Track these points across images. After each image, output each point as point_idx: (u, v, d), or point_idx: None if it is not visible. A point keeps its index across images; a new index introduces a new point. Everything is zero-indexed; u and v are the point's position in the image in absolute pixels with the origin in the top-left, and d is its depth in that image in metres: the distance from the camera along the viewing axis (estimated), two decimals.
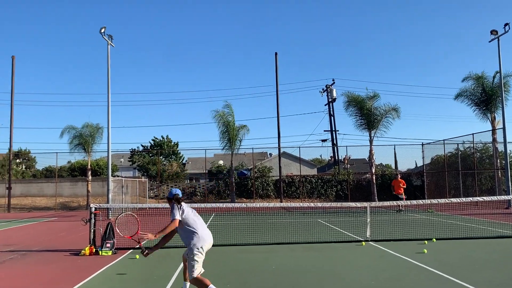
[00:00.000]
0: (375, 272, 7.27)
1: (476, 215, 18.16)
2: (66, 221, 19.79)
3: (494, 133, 26.19)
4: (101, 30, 20.78)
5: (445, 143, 30.20)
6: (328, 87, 42.97)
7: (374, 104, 28.32)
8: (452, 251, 9.33)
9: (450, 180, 29.64)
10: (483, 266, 7.65)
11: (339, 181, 33.42)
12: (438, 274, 7.05)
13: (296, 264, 8.17)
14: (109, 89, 21.78)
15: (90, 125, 29.43)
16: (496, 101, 25.86)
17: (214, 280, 6.86)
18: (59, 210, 29.45)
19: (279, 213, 22.26)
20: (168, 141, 52.72)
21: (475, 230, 12.91)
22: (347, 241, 11.16)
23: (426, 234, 11.98)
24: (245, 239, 11.50)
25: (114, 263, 8.63)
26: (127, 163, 50.92)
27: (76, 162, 42.72)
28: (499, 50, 22.80)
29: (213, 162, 39.43)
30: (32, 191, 35.93)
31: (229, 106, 29.92)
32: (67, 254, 9.83)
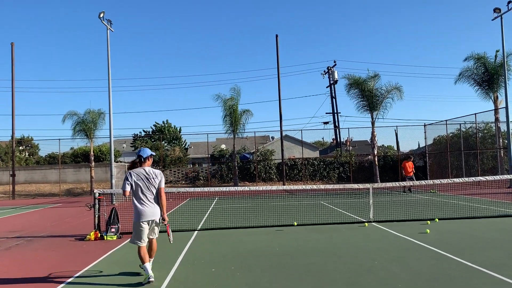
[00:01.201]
0: (378, 253, 7.33)
1: (478, 195, 18.21)
2: (71, 207, 19.94)
3: (497, 112, 26.07)
4: (100, 15, 20.64)
5: (447, 124, 30.10)
6: (330, 69, 42.70)
7: (376, 85, 28.17)
8: (455, 231, 9.39)
9: (452, 161, 29.64)
10: (486, 245, 7.69)
11: (341, 163, 33.47)
12: (441, 253, 7.10)
13: (299, 245, 8.24)
14: (109, 74, 21.74)
15: (92, 112, 29.44)
16: (499, 80, 25.68)
17: (218, 262, 6.94)
18: (64, 196, 29.66)
19: (282, 196, 22.37)
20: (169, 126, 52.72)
21: (477, 210, 12.96)
22: (350, 222, 11.23)
23: (429, 214, 12.04)
24: (248, 222, 11.58)
25: (119, 247, 8.72)
26: (129, 148, 51.04)
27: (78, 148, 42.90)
28: (502, 29, 22.55)
29: (216, 146, 39.48)
30: (36, 177, 36.16)
31: (237, 90, 29.78)
32: (72, 239, 9.93)
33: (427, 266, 6.29)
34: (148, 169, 6.05)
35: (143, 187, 5.92)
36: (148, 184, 5.95)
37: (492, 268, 5.96)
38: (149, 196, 5.94)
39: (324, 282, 5.65)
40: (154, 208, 5.97)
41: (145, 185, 5.93)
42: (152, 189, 5.96)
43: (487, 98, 26.83)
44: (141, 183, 5.93)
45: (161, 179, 6.10)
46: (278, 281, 5.77)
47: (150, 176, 6.00)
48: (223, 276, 6.15)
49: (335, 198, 18.94)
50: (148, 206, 5.92)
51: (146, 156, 6.13)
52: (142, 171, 6.01)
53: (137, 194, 5.93)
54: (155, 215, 5.99)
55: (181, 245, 8.62)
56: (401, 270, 6.13)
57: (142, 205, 5.90)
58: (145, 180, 5.95)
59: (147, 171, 6.03)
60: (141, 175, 5.97)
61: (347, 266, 6.49)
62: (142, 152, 6.14)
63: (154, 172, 6.07)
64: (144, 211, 5.89)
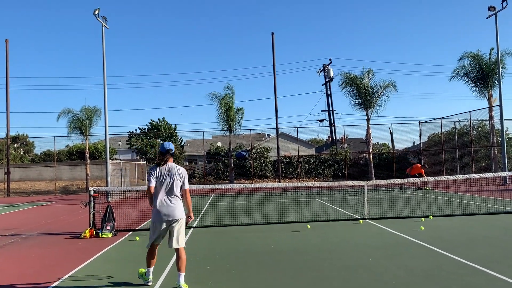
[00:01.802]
0: (373, 250, 7.37)
1: (472, 192, 18.33)
2: (66, 204, 19.89)
3: (491, 110, 26.22)
4: (95, 11, 20.55)
5: (442, 121, 30.24)
6: (325, 66, 42.74)
7: (370, 82, 28.25)
8: (449, 227, 9.45)
9: (447, 158, 29.79)
10: (480, 242, 7.75)
11: (337, 160, 33.55)
12: (435, 250, 7.15)
13: (295, 243, 8.27)
14: (104, 71, 21.65)
15: (88, 109, 29.32)
16: (493, 78, 25.81)
17: (213, 260, 6.96)
18: (59, 193, 29.57)
19: (277, 193, 22.41)
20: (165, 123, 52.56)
21: (471, 207, 13.04)
22: (345, 219, 11.27)
23: (423, 211, 12.11)
24: (244, 219, 11.60)
25: (114, 245, 8.71)
26: (125, 146, 50.83)
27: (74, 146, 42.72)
28: (496, 27, 22.67)
29: (212, 144, 39.43)
30: (31, 175, 36.00)
31: (230, 87, 29.80)
32: (67, 237, 9.92)
33: (421, 263, 6.33)
34: (171, 166, 5.60)
35: (164, 184, 5.49)
36: (169, 182, 5.49)
37: (486, 265, 6.01)
38: (169, 194, 5.49)
39: (319, 279, 5.68)
40: (174, 207, 5.48)
41: (166, 182, 5.49)
42: (173, 187, 5.49)
43: (482, 96, 26.99)
44: (162, 180, 5.50)
45: (185, 178, 5.66)
46: (273, 278, 5.80)
47: (173, 173, 5.55)
48: (218, 273, 6.16)
49: (330, 195, 19.00)
50: (167, 205, 5.46)
51: (166, 149, 5.64)
52: (165, 167, 5.57)
53: (157, 191, 5.50)
54: (175, 215, 5.46)
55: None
56: (396, 266, 6.17)
57: (161, 203, 5.46)
58: (167, 177, 5.51)
59: (170, 167, 5.59)
60: (164, 171, 5.54)
61: (342, 263, 6.53)
62: (169, 145, 5.71)
63: (178, 170, 5.61)
64: (162, 209, 5.44)
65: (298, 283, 5.56)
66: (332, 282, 5.53)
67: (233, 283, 5.66)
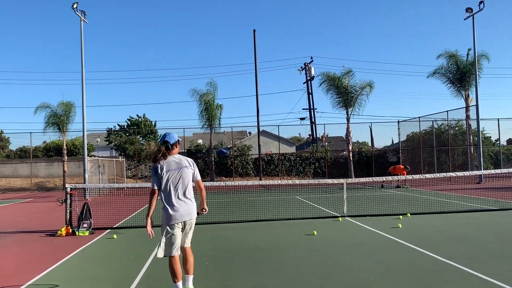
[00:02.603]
0: (351, 247, 7.43)
1: (449, 190, 18.67)
2: (42, 202, 19.48)
3: (468, 110, 26.77)
4: (73, 5, 20.18)
5: (420, 120, 30.74)
6: (307, 65, 42.92)
7: (350, 81, 28.51)
8: (426, 225, 9.60)
9: (425, 157, 30.30)
10: (455, 239, 7.89)
11: (317, 158, 33.76)
12: (412, 248, 7.25)
13: (274, 240, 8.27)
14: (83, 66, 21.31)
15: (65, 104, 28.72)
16: (470, 78, 26.34)
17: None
18: (35, 191, 28.96)
19: (258, 191, 22.42)
20: (145, 120, 52.04)
21: (448, 205, 13.29)
22: (324, 217, 11.34)
23: (401, 209, 12.27)
24: (224, 217, 11.56)
25: (91, 243, 8.57)
26: (103, 142, 50.14)
27: (51, 142, 41.86)
28: (473, 28, 23.14)
29: (192, 141, 39.21)
30: (6, 172, 35.14)
31: (213, 84, 29.63)
32: (43, 235, 9.71)
33: (399, 260, 6.41)
34: (178, 157, 4.89)
35: (175, 180, 4.74)
36: (180, 176, 4.77)
37: (461, 262, 6.11)
38: (183, 190, 4.78)
39: (298, 276, 5.69)
40: (190, 205, 4.82)
41: (177, 177, 4.75)
42: (185, 182, 4.79)
43: (459, 96, 27.53)
44: (172, 175, 4.74)
45: (196, 168, 4.98)
46: (252, 276, 5.78)
47: (182, 165, 4.83)
48: (197, 271, 6.09)
49: (310, 193, 19.10)
50: (183, 203, 4.76)
51: (174, 141, 4.90)
52: (172, 160, 4.81)
53: (167, 189, 4.72)
54: (192, 214, 4.84)
55: (154, 240, 8.52)
56: (374, 263, 6.23)
57: (176, 202, 4.73)
58: (177, 171, 4.77)
59: (178, 159, 4.86)
60: (172, 166, 4.78)
61: (321, 260, 6.55)
62: (168, 137, 4.90)
63: (187, 161, 4.92)
64: (178, 209, 4.71)
65: (276, 280, 5.55)
66: (310, 278, 5.55)
67: (212, 281, 5.62)
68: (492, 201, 13.85)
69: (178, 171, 4.78)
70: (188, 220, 4.81)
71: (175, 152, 4.92)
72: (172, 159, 4.83)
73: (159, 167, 4.75)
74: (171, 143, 4.87)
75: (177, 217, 4.70)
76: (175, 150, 4.92)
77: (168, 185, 4.73)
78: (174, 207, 4.71)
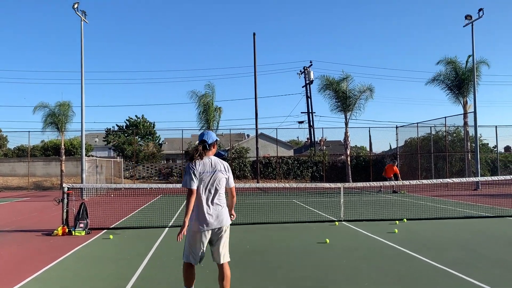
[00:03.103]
0: (347, 251, 7.44)
1: (445, 196, 18.71)
2: (39, 201, 19.46)
3: (466, 116, 26.85)
4: (74, 5, 20.20)
5: (418, 126, 30.81)
6: (306, 69, 43.03)
7: (349, 86, 28.59)
8: (422, 231, 9.62)
9: (422, 162, 30.36)
10: (451, 245, 7.92)
11: (315, 162, 33.79)
12: (407, 253, 7.27)
13: (270, 243, 8.28)
14: (82, 66, 21.31)
15: (62, 103, 28.70)
16: (469, 85, 26.43)
17: None
18: (32, 190, 28.91)
19: (255, 193, 22.42)
20: (144, 121, 52.04)
21: (444, 211, 13.33)
22: (321, 221, 11.35)
23: (398, 214, 12.30)
24: None
25: (87, 243, 8.56)
26: (102, 143, 50.11)
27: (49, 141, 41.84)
28: (472, 35, 23.22)
29: (190, 143, 39.20)
30: (4, 170, 35.07)
31: (211, 86, 29.70)
32: (39, 234, 9.70)
33: (393, 265, 6.43)
34: (214, 160, 4.50)
35: (207, 184, 4.37)
36: (214, 179, 4.40)
37: (456, 268, 6.14)
38: (214, 195, 4.40)
39: (292, 279, 5.70)
40: (221, 212, 4.42)
41: (210, 180, 4.38)
42: (219, 186, 4.42)
43: (457, 102, 27.60)
44: (206, 177, 4.38)
45: (230, 173, 4.63)
46: (247, 278, 5.80)
47: (217, 168, 4.45)
48: None
49: (307, 197, 19.11)
50: (213, 210, 4.37)
51: (212, 141, 4.53)
52: (207, 161, 4.43)
53: (198, 193, 4.36)
54: (223, 222, 4.42)
55: (151, 241, 8.55)
56: (369, 268, 6.24)
57: (205, 208, 4.35)
58: (211, 174, 4.40)
59: (214, 162, 4.48)
60: (206, 167, 4.40)
61: (316, 264, 6.57)
62: (206, 135, 4.54)
63: (222, 164, 4.53)
64: (206, 216, 4.33)
65: (272, 283, 5.56)
66: (305, 282, 5.56)
67: (206, 282, 5.62)
68: (488, 208, 13.88)
69: (212, 174, 4.39)
70: (217, 229, 4.40)
71: (211, 153, 4.56)
72: (208, 160, 4.44)
73: (195, 166, 4.36)
74: (209, 142, 4.49)
75: (203, 225, 4.33)
76: (212, 150, 4.55)
77: (199, 188, 4.35)
78: (202, 213, 4.34)
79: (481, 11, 22.22)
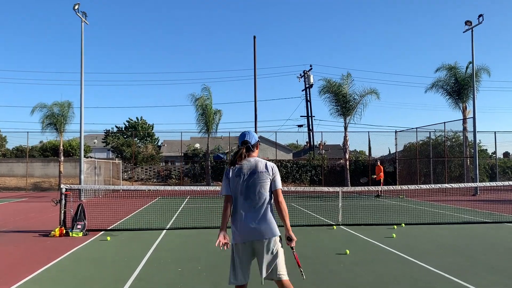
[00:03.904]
0: (345, 256, 7.43)
1: (444, 201, 18.71)
2: (37, 202, 19.42)
3: (465, 122, 26.89)
4: (74, 6, 20.25)
5: (417, 131, 30.85)
6: (306, 72, 43.10)
7: (349, 89, 28.61)
8: (420, 236, 9.61)
9: (421, 167, 30.37)
10: (448, 251, 7.91)
11: (314, 166, 33.80)
12: (405, 258, 7.26)
13: None
14: (82, 67, 21.32)
15: (61, 104, 28.67)
16: (468, 91, 26.47)
17: (185, 262, 6.91)
18: (30, 190, 28.86)
19: None
20: (143, 122, 52.07)
21: (442, 216, 13.32)
22: (319, 224, 11.35)
23: (396, 219, 12.29)
24: (219, 222, 11.52)
25: (84, 244, 8.55)
26: (101, 144, 50.08)
27: (48, 142, 41.81)
28: (472, 41, 23.28)
29: (190, 145, 39.21)
30: (2, 170, 35.03)
31: (208, 89, 29.76)
32: (36, 235, 9.68)
33: (391, 269, 6.42)
34: (254, 160, 3.90)
35: (244, 187, 3.80)
36: (253, 182, 3.79)
37: (453, 273, 6.13)
38: (254, 201, 3.78)
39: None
40: (263, 221, 3.76)
41: (248, 183, 3.80)
42: (260, 191, 3.78)
43: (456, 107, 27.65)
44: (241, 181, 3.81)
45: (276, 175, 3.89)
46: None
47: (258, 170, 3.83)
48: (189, 275, 6.11)
49: (306, 201, 19.10)
50: (252, 217, 3.75)
51: (255, 141, 4.02)
52: (245, 163, 3.87)
53: (236, 199, 3.85)
54: (264, 233, 3.73)
55: (148, 243, 8.53)
56: (366, 272, 6.23)
57: (242, 216, 3.78)
58: (249, 176, 3.81)
59: (254, 162, 3.88)
60: (244, 169, 3.84)
61: (314, 268, 6.56)
62: (249, 136, 4.01)
63: (264, 164, 3.88)
64: (244, 225, 3.76)
65: (268, 287, 5.55)
66: (302, 285, 5.55)
67: (204, 285, 5.62)
68: (486, 214, 13.88)
69: (250, 176, 3.82)
70: (258, 241, 3.74)
71: (255, 155, 4.02)
72: (246, 161, 3.89)
73: (230, 170, 3.89)
74: (252, 143, 3.98)
75: (241, 235, 3.77)
76: (255, 152, 4.03)
77: (236, 193, 3.84)
78: (239, 221, 3.79)
79: (481, 17, 22.30)
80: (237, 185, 3.82)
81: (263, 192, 3.80)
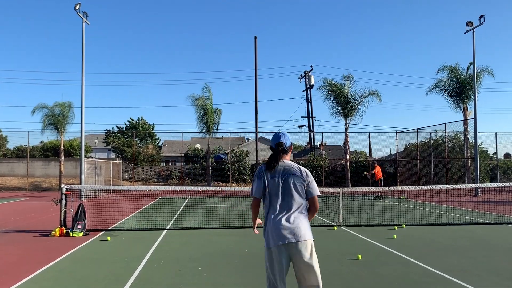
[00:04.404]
0: (345, 256, 7.42)
1: (445, 202, 18.68)
2: (37, 201, 19.42)
3: (466, 123, 26.86)
4: (76, 6, 20.25)
5: (418, 132, 30.81)
6: (307, 73, 43.06)
7: (351, 90, 28.60)
8: (420, 236, 9.59)
9: (422, 168, 30.33)
10: (449, 251, 7.89)
11: (315, 166, 33.78)
12: (406, 258, 7.25)
13: None
14: (83, 67, 21.32)
15: (61, 104, 28.69)
16: (469, 92, 26.44)
17: (185, 262, 6.90)
18: (31, 190, 28.87)
19: None
20: (144, 123, 52.07)
21: (443, 217, 13.30)
22: (319, 225, 11.32)
23: (396, 220, 12.27)
24: (219, 222, 11.54)
25: (84, 244, 8.54)
26: (101, 144, 50.11)
27: (48, 142, 41.83)
28: (473, 42, 23.26)
29: (190, 146, 39.20)
30: (2, 170, 35.05)
31: (208, 89, 29.77)
32: (36, 235, 9.67)
33: (391, 270, 6.40)
34: (289, 163, 3.82)
35: (278, 189, 3.73)
36: (287, 185, 3.73)
37: (454, 274, 6.11)
38: (288, 204, 3.70)
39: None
40: (297, 222, 3.65)
41: (282, 186, 3.73)
42: (292, 193, 3.71)
43: (457, 108, 27.62)
44: (276, 184, 3.74)
45: (312, 180, 3.82)
46: (245, 282, 5.77)
47: (291, 172, 3.76)
48: (189, 276, 6.10)
49: None
50: (286, 220, 3.65)
51: (290, 144, 3.94)
52: (281, 166, 3.79)
53: (269, 201, 3.77)
54: (299, 235, 3.61)
55: (148, 244, 8.52)
56: (367, 273, 6.22)
57: (276, 218, 3.67)
58: (283, 179, 3.74)
59: (288, 165, 3.81)
60: (278, 171, 3.77)
61: None
62: (283, 138, 3.90)
63: (299, 168, 3.82)
64: (277, 227, 3.63)
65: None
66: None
67: (204, 286, 5.60)
68: (487, 215, 13.85)
69: (285, 178, 3.75)
70: (293, 243, 3.60)
71: (288, 158, 3.90)
72: (281, 163, 3.81)
73: (263, 171, 3.80)
74: (287, 145, 3.88)
75: (275, 238, 3.63)
76: (289, 154, 3.93)
77: (270, 195, 3.76)
78: (273, 224, 3.66)
79: (482, 18, 22.27)
80: (273, 188, 3.74)
81: (299, 195, 3.74)
